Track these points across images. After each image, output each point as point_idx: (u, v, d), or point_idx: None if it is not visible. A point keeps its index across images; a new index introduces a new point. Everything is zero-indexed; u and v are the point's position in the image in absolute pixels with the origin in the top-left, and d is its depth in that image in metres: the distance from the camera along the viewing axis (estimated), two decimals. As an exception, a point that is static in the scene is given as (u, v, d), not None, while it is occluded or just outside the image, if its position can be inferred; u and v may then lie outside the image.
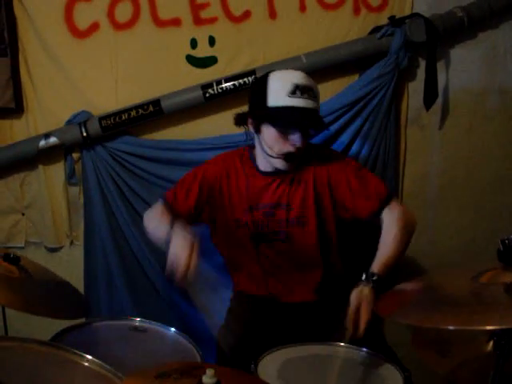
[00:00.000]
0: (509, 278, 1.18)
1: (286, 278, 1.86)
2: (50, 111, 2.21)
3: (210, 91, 2.15)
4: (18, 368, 1.16)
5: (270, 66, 2.15)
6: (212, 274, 2.17)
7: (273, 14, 2.19)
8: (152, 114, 2.16)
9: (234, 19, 2.18)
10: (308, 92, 1.70)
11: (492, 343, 1.29)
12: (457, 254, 2.47)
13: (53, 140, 2.16)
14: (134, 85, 2.21)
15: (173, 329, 1.67)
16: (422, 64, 2.28)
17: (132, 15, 2.14)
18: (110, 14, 2.14)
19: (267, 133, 1.74)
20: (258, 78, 1.85)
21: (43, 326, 2.02)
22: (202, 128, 2.26)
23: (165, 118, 2.20)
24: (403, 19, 2.19)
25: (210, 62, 2.21)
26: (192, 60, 2.21)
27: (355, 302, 1.50)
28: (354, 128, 2.22)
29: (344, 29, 2.23)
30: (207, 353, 1.63)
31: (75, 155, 2.24)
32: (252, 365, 1.45)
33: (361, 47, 2.19)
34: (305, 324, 1.80)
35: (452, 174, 2.46)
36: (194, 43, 2.19)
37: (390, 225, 1.70)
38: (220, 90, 2.15)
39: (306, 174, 1.81)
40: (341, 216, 1.82)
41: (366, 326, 1.48)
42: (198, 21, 2.17)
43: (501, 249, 1.22)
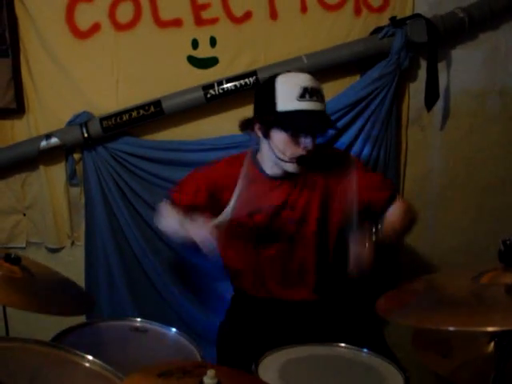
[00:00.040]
0: (510, 279, 1.18)
1: (285, 278, 1.86)
2: (51, 112, 2.21)
3: (211, 92, 2.15)
4: (19, 368, 1.16)
5: (271, 67, 2.15)
6: (212, 274, 2.18)
7: (274, 14, 2.20)
8: (153, 114, 2.16)
9: (235, 20, 2.18)
10: (316, 94, 1.70)
11: (493, 344, 1.29)
12: (457, 255, 2.47)
13: (54, 141, 2.16)
14: (135, 85, 2.21)
15: (174, 329, 1.67)
16: (423, 65, 2.28)
17: (133, 16, 2.15)
18: (112, 15, 2.14)
19: (277, 138, 1.73)
20: (263, 82, 1.83)
21: (44, 326, 2.02)
22: (203, 129, 2.26)
23: (166, 118, 2.20)
24: (404, 20, 2.19)
25: (211, 62, 2.21)
26: (193, 61, 2.21)
27: (358, 241, 1.57)
28: (355, 128, 2.22)
29: (345, 29, 2.23)
30: (207, 353, 1.63)
31: (76, 156, 2.24)
32: (253, 365, 1.45)
33: (362, 48, 2.19)
34: (305, 324, 1.80)
35: (453, 175, 2.46)
36: (195, 44, 2.19)
37: (396, 206, 1.82)
38: (221, 91, 2.15)
39: (315, 174, 1.82)
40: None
41: (369, 263, 1.56)
42: (199, 21, 2.17)
43: (502, 249, 1.21)
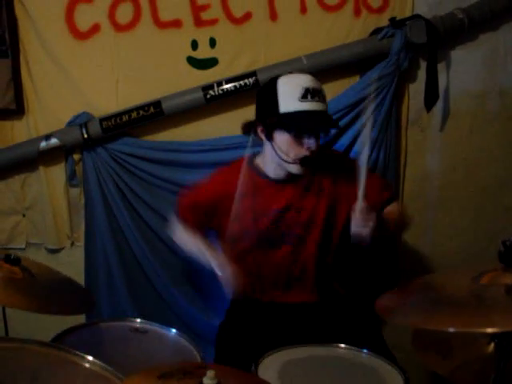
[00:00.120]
0: (510, 280, 1.17)
1: (287, 281, 1.86)
2: (50, 112, 2.21)
3: (211, 92, 2.15)
4: (19, 369, 1.16)
5: (270, 68, 2.15)
6: (212, 275, 2.17)
7: (273, 15, 2.20)
8: (153, 115, 2.16)
9: (235, 21, 2.19)
10: (318, 94, 1.71)
11: (493, 345, 1.29)
12: (457, 255, 2.47)
13: (53, 141, 2.16)
14: (134, 86, 2.21)
15: (174, 330, 1.67)
16: (423, 65, 2.28)
17: (133, 17, 2.15)
18: (111, 16, 2.14)
19: (281, 139, 1.72)
20: (264, 85, 1.83)
21: (44, 326, 2.02)
22: (202, 129, 2.26)
23: (165, 119, 2.20)
24: (404, 21, 2.18)
25: (210, 63, 2.21)
26: (193, 61, 2.21)
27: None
28: (354, 129, 2.22)
29: (345, 30, 2.23)
30: (207, 353, 1.63)
31: (76, 156, 2.24)
32: (252, 366, 1.45)
33: (361, 48, 2.19)
34: (305, 325, 1.80)
35: (452, 175, 2.45)
36: (194, 45, 2.19)
37: (394, 205, 1.89)
38: (221, 92, 2.15)
39: (320, 177, 1.82)
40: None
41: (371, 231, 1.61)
42: (199, 22, 2.17)
43: (502, 250, 1.22)
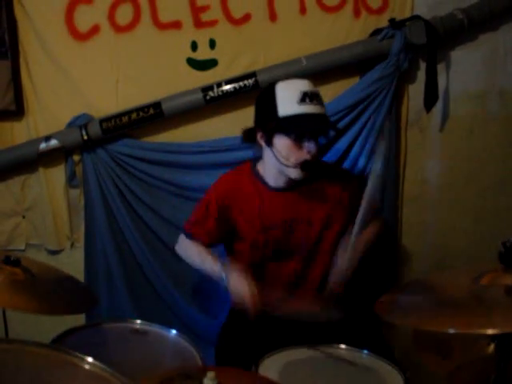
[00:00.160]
0: (510, 280, 1.18)
1: (292, 288, 1.85)
2: (50, 114, 2.21)
3: (211, 94, 2.15)
4: (19, 370, 1.15)
5: (270, 69, 2.16)
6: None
7: (273, 16, 2.20)
8: (153, 116, 2.16)
9: (235, 22, 2.19)
10: (316, 98, 1.71)
11: (493, 346, 1.29)
12: (457, 256, 2.47)
13: (53, 142, 2.16)
14: (134, 87, 2.21)
15: (174, 331, 1.67)
16: (423, 66, 2.28)
17: (133, 18, 2.15)
18: (111, 17, 2.14)
19: (281, 144, 1.72)
20: (262, 91, 1.83)
21: (44, 328, 2.02)
22: (202, 130, 2.26)
23: (165, 120, 2.20)
24: (403, 21, 2.19)
25: (210, 64, 2.21)
26: (192, 62, 2.21)
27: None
28: (354, 130, 2.22)
29: (344, 31, 2.23)
30: (207, 354, 1.62)
31: (76, 158, 2.24)
32: (253, 367, 1.45)
33: (361, 49, 2.19)
34: (306, 327, 1.79)
35: (452, 176, 2.45)
36: (194, 46, 2.19)
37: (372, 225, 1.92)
38: (220, 93, 2.15)
39: (320, 186, 1.83)
40: None
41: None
42: (199, 23, 2.17)
43: (502, 251, 1.22)
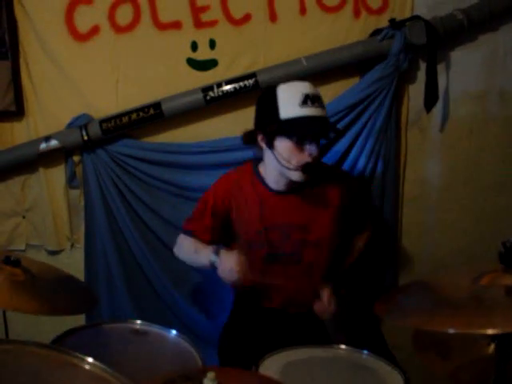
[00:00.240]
0: (510, 281, 1.18)
1: (291, 291, 1.85)
2: (50, 114, 2.21)
3: (211, 94, 2.15)
4: (19, 371, 1.15)
5: (270, 69, 2.16)
6: (212, 276, 2.17)
7: (273, 16, 2.20)
8: (153, 116, 2.16)
9: (235, 22, 2.19)
10: (318, 100, 1.71)
11: (493, 346, 1.29)
12: (457, 257, 2.47)
13: (53, 143, 2.16)
14: (134, 88, 2.21)
15: (174, 331, 1.67)
16: (423, 66, 2.28)
17: (133, 18, 2.15)
18: (111, 17, 2.14)
19: (282, 146, 1.72)
20: (263, 93, 1.82)
21: (44, 328, 2.02)
22: (202, 131, 2.26)
23: (165, 120, 2.20)
24: (403, 22, 2.19)
25: (210, 64, 2.21)
26: (192, 63, 2.21)
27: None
28: (354, 130, 2.22)
29: (344, 31, 2.23)
30: (208, 355, 1.62)
31: (76, 158, 2.24)
32: (253, 367, 1.45)
33: (361, 50, 2.19)
34: (306, 328, 1.80)
35: (452, 176, 2.45)
36: (194, 46, 2.19)
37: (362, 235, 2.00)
38: (220, 93, 2.15)
39: (321, 190, 1.83)
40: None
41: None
42: (199, 24, 2.17)
43: (502, 251, 1.22)
